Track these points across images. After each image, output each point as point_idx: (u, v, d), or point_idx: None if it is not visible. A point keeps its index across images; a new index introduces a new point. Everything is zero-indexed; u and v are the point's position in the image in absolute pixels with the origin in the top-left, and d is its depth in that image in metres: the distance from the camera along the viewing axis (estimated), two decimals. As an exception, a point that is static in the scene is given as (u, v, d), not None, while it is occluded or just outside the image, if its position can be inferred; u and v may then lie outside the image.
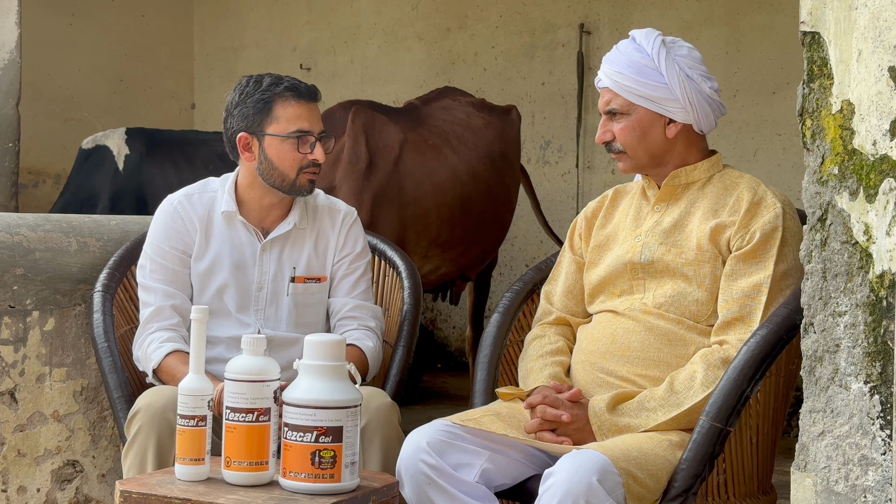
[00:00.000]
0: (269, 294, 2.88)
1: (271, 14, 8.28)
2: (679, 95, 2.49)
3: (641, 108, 2.53)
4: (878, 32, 1.91)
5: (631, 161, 2.58)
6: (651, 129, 2.54)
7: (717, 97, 2.55)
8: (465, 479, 2.38)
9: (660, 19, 6.30)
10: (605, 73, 2.56)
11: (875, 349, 1.91)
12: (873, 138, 1.92)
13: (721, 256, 2.47)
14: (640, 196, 2.66)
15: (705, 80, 2.53)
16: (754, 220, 2.44)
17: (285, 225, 2.89)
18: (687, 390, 2.36)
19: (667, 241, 2.52)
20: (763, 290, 2.39)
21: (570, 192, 6.78)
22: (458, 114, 5.09)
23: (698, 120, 2.53)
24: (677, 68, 2.50)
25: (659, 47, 2.51)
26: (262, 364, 2.25)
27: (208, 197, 2.92)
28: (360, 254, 2.97)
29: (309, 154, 2.80)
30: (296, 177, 2.82)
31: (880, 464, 1.89)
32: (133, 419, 2.64)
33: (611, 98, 2.56)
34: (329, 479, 2.15)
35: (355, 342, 2.83)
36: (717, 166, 2.60)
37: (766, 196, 2.47)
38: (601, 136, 2.59)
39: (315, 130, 2.82)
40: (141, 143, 5.54)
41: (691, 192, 2.57)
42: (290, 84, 2.82)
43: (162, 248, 2.88)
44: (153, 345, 2.79)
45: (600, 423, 2.39)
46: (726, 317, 2.41)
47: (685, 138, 2.56)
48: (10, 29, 4.74)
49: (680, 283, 2.49)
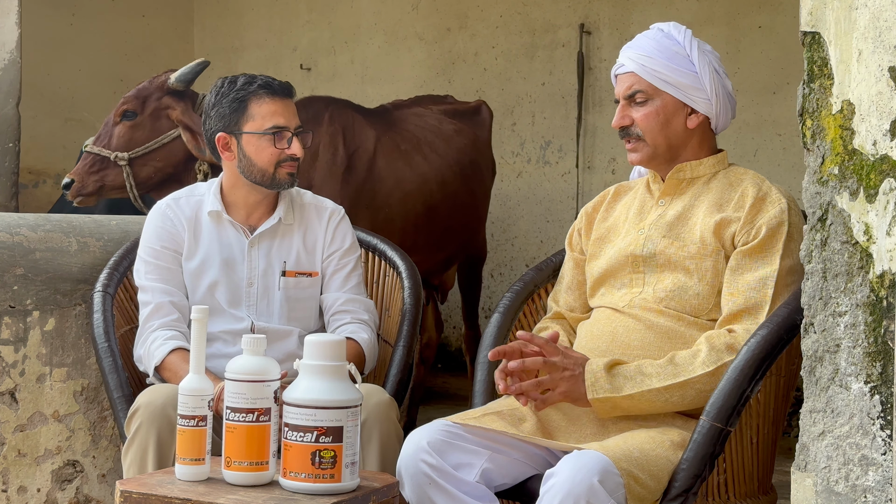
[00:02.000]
0: (259, 289, 2.92)
1: (271, 14, 8.28)
2: (707, 86, 2.52)
3: (667, 94, 2.54)
4: (879, 32, 1.91)
5: (648, 150, 2.57)
6: (674, 117, 2.55)
7: (733, 98, 2.59)
8: (466, 479, 2.38)
9: (660, 19, 6.24)
10: (631, 57, 2.57)
11: (875, 349, 1.91)
12: (873, 138, 1.92)
13: (724, 251, 2.47)
14: (645, 190, 2.67)
15: (727, 78, 2.59)
16: (759, 215, 2.45)
17: (271, 220, 2.94)
18: (687, 365, 2.35)
19: (670, 234, 2.53)
20: (769, 284, 2.39)
21: (570, 192, 6.78)
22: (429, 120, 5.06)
23: (719, 114, 2.56)
24: (707, 60, 2.54)
25: (691, 38, 2.57)
26: (263, 364, 2.25)
27: (195, 200, 2.99)
28: (349, 249, 3.01)
29: (287, 149, 2.87)
30: (274, 171, 2.88)
31: (880, 464, 1.89)
32: (133, 416, 2.65)
33: (634, 82, 2.55)
34: (329, 480, 2.15)
35: (351, 335, 2.87)
36: (722, 163, 2.61)
37: (771, 192, 2.48)
38: (618, 121, 2.57)
39: (291, 126, 2.88)
40: None
41: (696, 187, 2.57)
42: (264, 82, 2.88)
43: (154, 248, 2.93)
44: (156, 343, 2.81)
45: (595, 379, 2.36)
46: (732, 309, 2.41)
47: (701, 133, 2.58)
48: (10, 29, 4.74)
49: (680, 276, 2.49)
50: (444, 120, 5.13)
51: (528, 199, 6.96)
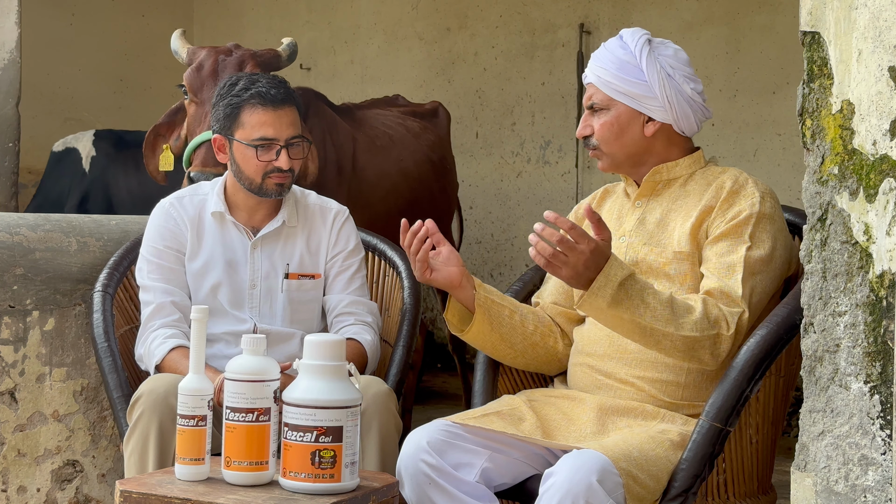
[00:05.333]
0: (262, 291, 2.90)
1: (271, 14, 8.28)
2: (658, 93, 2.51)
3: (621, 104, 2.54)
4: (878, 32, 1.91)
5: (608, 159, 2.59)
6: (629, 126, 2.55)
7: (699, 99, 2.56)
8: (466, 479, 2.38)
9: (660, 19, 6.30)
10: (590, 68, 2.59)
11: (875, 349, 1.91)
12: (873, 138, 1.92)
13: (699, 252, 2.47)
14: (623, 195, 2.67)
15: (688, 81, 2.54)
16: (732, 207, 2.46)
17: (274, 223, 2.92)
18: (679, 317, 2.32)
19: (650, 241, 2.53)
20: (737, 271, 2.38)
21: (569, 192, 6.78)
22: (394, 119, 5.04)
23: (677, 119, 2.54)
24: (658, 66, 2.51)
25: (642, 45, 2.53)
26: (262, 364, 2.25)
27: (199, 199, 2.97)
28: (353, 251, 3.00)
29: (274, 161, 2.82)
30: (262, 181, 2.85)
31: (880, 464, 1.89)
32: (135, 404, 2.65)
33: (593, 93, 2.58)
34: (329, 479, 2.15)
35: (354, 336, 2.86)
36: (699, 163, 2.60)
37: (747, 185, 2.49)
38: (581, 130, 2.61)
39: (281, 137, 2.82)
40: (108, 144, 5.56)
41: (673, 190, 2.57)
42: (258, 91, 2.83)
43: (157, 248, 2.91)
44: (156, 341, 2.81)
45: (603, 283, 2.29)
46: (709, 284, 2.39)
47: (665, 138, 2.57)
48: (10, 29, 4.74)
49: (664, 282, 2.49)
50: (406, 118, 5.10)
51: (528, 199, 6.96)
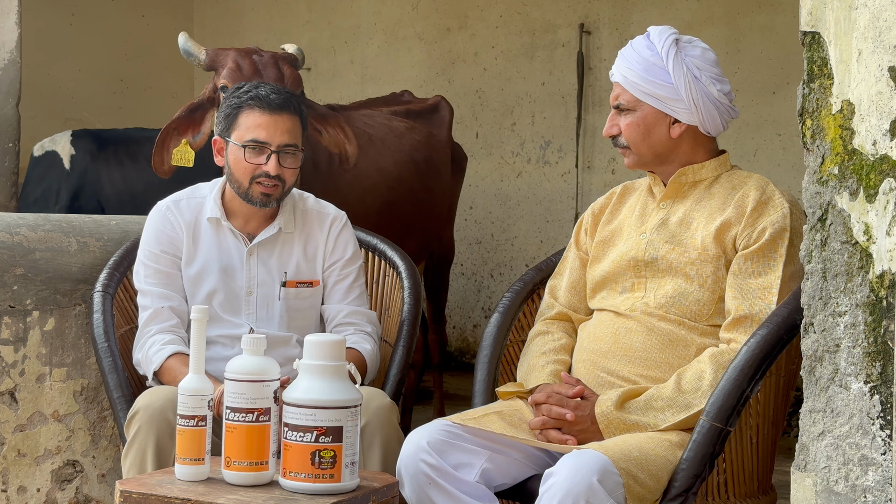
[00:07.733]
0: (258, 298, 2.88)
1: (271, 14, 8.28)
2: (684, 96, 2.49)
3: (647, 105, 2.53)
4: (878, 32, 1.91)
5: (635, 157, 2.59)
6: (655, 127, 2.54)
7: (726, 100, 2.54)
8: (466, 479, 2.38)
9: (660, 19, 6.29)
10: (617, 67, 2.58)
11: (875, 349, 1.91)
12: (873, 138, 1.92)
13: (725, 256, 2.47)
14: (647, 193, 2.66)
15: (714, 83, 2.52)
16: (761, 218, 2.44)
17: (270, 229, 2.90)
18: (695, 391, 2.35)
19: (672, 240, 2.53)
20: (773, 292, 2.39)
21: (569, 192, 6.78)
22: (378, 119, 5.01)
23: (703, 121, 2.52)
24: (685, 69, 2.49)
25: (669, 46, 2.51)
26: (262, 364, 2.25)
27: (196, 203, 2.94)
28: (351, 259, 2.97)
29: (262, 165, 2.80)
30: (248, 186, 2.83)
31: (880, 464, 1.89)
32: (132, 419, 2.64)
33: (620, 93, 2.57)
34: (329, 479, 2.15)
35: (353, 345, 2.84)
36: (724, 165, 2.60)
37: (774, 195, 2.47)
38: (608, 130, 2.60)
39: (273, 142, 2.80)
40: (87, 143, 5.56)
41: (698, 191, 2.57)
42: (257, 94, 2.82)
43: (154, 252, 2.90)
44: (154, 347, 2.79)
45: (608, 422, 2.39)
46: (736, 314, 2.41)
47: (691, 139, 2.56)
48: (10, 29, 4.73)
49: (681, 282, 2.48)
50: (392, 118, 5.07)
51: (528, 199, 6.96)
